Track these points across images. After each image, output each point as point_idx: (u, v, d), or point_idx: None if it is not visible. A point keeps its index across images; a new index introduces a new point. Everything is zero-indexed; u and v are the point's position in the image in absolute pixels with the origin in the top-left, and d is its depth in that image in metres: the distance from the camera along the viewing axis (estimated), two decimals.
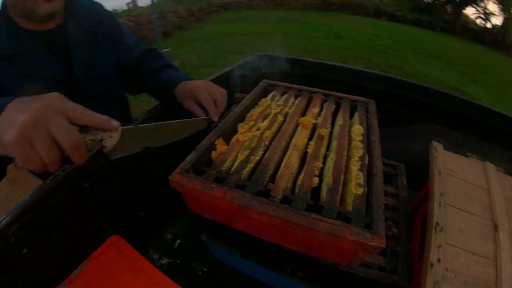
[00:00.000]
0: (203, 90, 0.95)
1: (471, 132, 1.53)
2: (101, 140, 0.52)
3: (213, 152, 0.86)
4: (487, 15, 19.22)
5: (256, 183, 0.73)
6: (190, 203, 0.81)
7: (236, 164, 0.80)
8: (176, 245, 1.15)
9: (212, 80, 1.45)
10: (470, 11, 20.27)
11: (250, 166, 0.80)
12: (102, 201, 0.96)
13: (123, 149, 0.56)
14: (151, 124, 0.67)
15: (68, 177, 0.82)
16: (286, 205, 0.67)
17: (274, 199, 0.69)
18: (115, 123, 0.54)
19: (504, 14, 18.27)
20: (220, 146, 0.87)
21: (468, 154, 1.04)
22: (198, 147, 0.83)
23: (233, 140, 0.90)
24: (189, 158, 0.78)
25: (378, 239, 0.60)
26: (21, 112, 0.47)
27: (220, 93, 0.97)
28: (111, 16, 1.14)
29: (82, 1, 1.05)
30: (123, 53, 1.13)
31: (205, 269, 1.06)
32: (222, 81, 1.53)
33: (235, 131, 0.94)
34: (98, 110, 0.55)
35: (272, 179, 0.78)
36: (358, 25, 13.14)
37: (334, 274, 0.83)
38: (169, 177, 0.72)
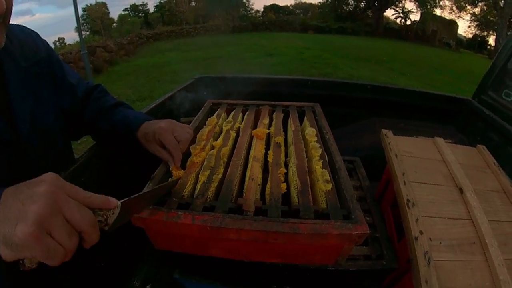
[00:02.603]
0: (167, 134, 0.86)
1: (412, 117, 1.69)
2: (106, 220, 0.51)
3: (169, 179, 0.80)
4: (405, 14, 22.18)
5: (225, 201, 0.69)
6: (155, 239, 0.73)
7: (198, 186, 0.75)
8: None
9: (154, 108, 1.40)
10: (389, 13, 23.32)
11: (214, 185, 0.75)
12: None
13: (118, 222, 0.53)
14: (141, 193, 0.64)
15: None
16: (261, 216, 0.64)
17: (248, 213, 0.65)
18: (114, 200, 0.52)
19: (421, 9, 21.12)
20: (176, 171, 0.81)
21: (415, 136, 1.14)
22: (153, 176, 0.77)
23: (188, 163, 0.85)
24: (146, 189, 0.72)
25: (361, 226, 0.60)
26: (28, 201, 0.41)
27: (185, 136, 0.88)
28: (49, 48, 0.94)
29: (15, 31, 0.84)
30: (66, 94, 0.95)
31: None
32: (164, 107, 1.47)
33: (188, 154, 0.89)
34: (43, 166, 0.50)
35: (240, 194, 0.75)
36: (287, 41, 14.02)
37: (323, 277, 0.82)
38: None
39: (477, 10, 20.17)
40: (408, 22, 22.29)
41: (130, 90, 6.83)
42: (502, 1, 16.57)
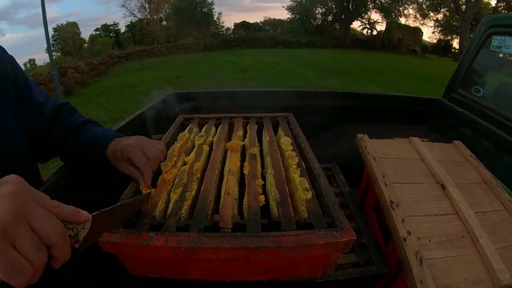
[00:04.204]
0: (136, 151, 0.80)
1: (385, 121, 1.73)
2: (77, 235, 0.45)
3: None
4: (372, 24, 23.40)
5: (200, 219, 0.64)
6: (129, 265, 0.67)
7: (171, 205, 0.70)
8: None
9: (124, 127, 1.34)
10: (356, 24, 24.43)
11: (188, 203, 0.71)
12: None
13: (89, 240, 0.47)
14: (112, 207, 0.58)
15: None
16: (240, 232, 0.60)
17: (225, 230, 0.61)
18: (85, 213, 0.47)
19: (386, 20, 22.31)
20: (146, 190, 0.76)
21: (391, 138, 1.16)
22: (122, 197, 0.72)
23: (159, 181, 0.80)
24: None
25: (346, 233, 0.58)
26: None
27: (155, 152, 0.82)
28: (15, 64, 0.88)
29: None
30: (32, 112, 0.89)
31: None
32: (135, 125, 1.42)
33: (159, 172, 0.84)
34: None
35: (216, 210, 0.70)
36: (259, 57, 14.24)
37: None
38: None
39: (440, 16, 21.54)
40: (375, 32, 23.58)
41: (102, 111, 6.65)
42: (464, 6, 17.72)
